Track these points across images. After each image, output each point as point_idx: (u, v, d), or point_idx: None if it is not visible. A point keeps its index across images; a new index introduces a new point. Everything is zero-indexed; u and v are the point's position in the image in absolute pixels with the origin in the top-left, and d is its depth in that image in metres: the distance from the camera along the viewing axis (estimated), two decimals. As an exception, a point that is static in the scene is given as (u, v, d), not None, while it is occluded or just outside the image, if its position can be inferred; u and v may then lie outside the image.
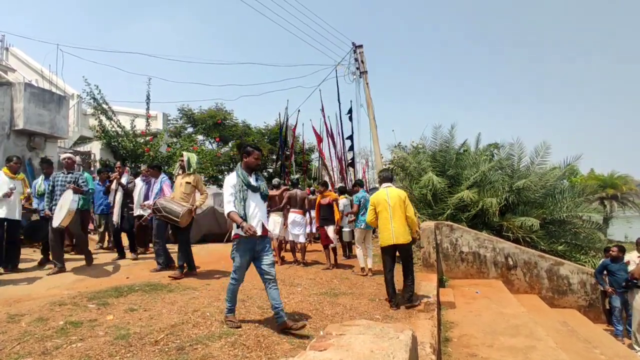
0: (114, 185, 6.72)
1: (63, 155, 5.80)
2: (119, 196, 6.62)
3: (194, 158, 5.60)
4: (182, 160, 5.57)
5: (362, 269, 6.15)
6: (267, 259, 3.40)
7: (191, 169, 5.52)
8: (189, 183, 5.46)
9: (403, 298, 4.40)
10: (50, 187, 5.53)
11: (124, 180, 6.73)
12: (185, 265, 5.45)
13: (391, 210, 4.39)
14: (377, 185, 4.93)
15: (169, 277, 5.13)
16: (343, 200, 8.55)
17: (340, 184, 12.17)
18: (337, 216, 6.90)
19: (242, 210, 3.30)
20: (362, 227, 6.14)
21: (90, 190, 5.91)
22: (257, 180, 3.49)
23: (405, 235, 4.39)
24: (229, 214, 3.34)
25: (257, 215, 3.38)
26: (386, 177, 4.74)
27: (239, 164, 3.55)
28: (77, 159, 7.49)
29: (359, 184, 7.13)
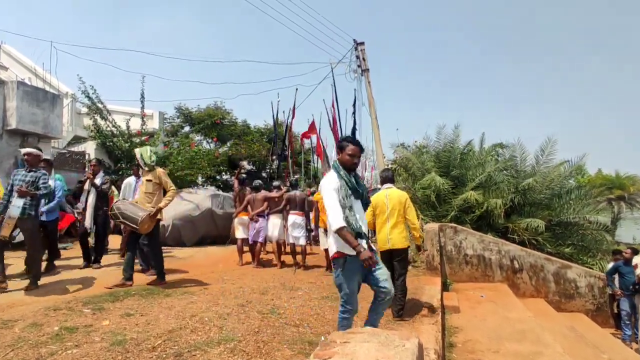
0: (86, 186, 6.26)
1: (24, 151, 5.01)
2: (91, 198, 6.14)
3: (146, 152, 5.05)
4: (137, 160, 5.10)
5: None
6: (382, 273, 2.84)
7: (147, 166, 5.02)
8: (150, 180, 5.00)
9: (392, 311, 4.15)
10: (9, 187, 4.84)
11: (98, 180, 6.23)
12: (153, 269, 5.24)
13: (388, 213, 4.28)
14: (379, 186, 4.88)
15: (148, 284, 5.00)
16: None
17: None
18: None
19: (359, 223, 2.70)
20: None
21: (64, 193, 5.59)
22: (358, 183, 2.86)
23: (402, 241, 4.26)
24: (339, 230, 2.61)
25: (362, 226, 2.79)
26: (387, 177, 4.66)
27: (335, 161, 2.91)
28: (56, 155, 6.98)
29: None
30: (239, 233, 7.31)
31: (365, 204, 2.92)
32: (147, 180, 5.02)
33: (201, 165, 12.97)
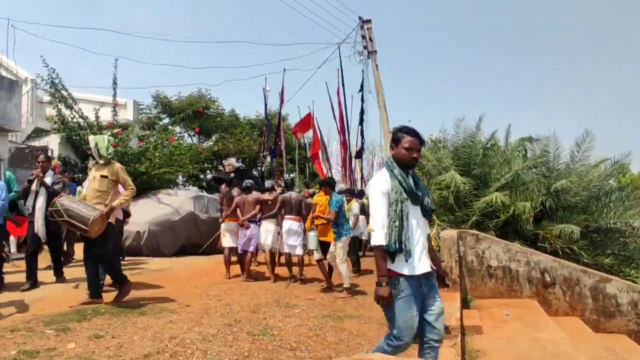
0: (34, 186, 6.05)
1: None
2: (40, 201, 5.89)
3: (103, 142, 4.93)
4: (90, 148, 4.98)
5: (347, 289, 6.20)
6: (435, 305, 2.57)
7: (102, 159, 4.90)
8: (105, 177, 4.86)
9: None
10: None
11: (48, 179, 6.04)
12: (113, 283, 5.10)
13: None
14: None
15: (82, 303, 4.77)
16: (355, 205, 8.58)
17: (342, 184, 12.13)
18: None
19: (400, 238, 2.48)
20: (346, 237, 6.16)
21: (8, 196, 5.40)
22: (417, 184, 2.67)
23: None
24: (375, 248, 2.53)
25: (419, 241, 2.59)
26: None
27: (388, 157, 2.75)
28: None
29: (328, 184, 6.74)
30: (226, 241, 7.31)
31: (427, 211, 2.70)
32: (102, 177, 4.87)
33: (182, 163, 12.97)
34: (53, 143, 12.29)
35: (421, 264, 2.53)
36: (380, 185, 2.59)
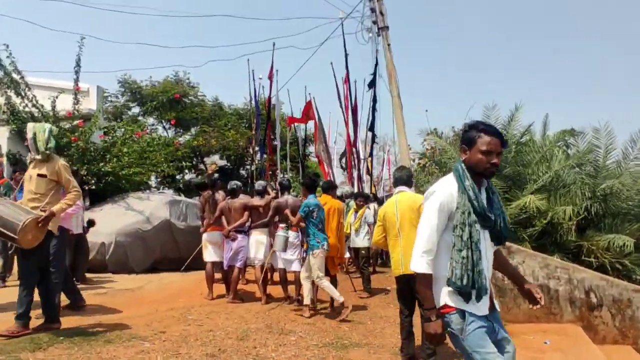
0: None
1: None
2: None
3: (43, 131, 4.77)
4: (27, 139, 4.83)
5: (307, 306, 6.28)
6: (510, 346, 2.48)
7: (40, 154, 4.74)
8: (43, 176, 4.71)
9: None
10: None
11: None
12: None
13: (399, 226, 4.34)
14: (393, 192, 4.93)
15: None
16: (369, 212, 8.60)
17: (347, 187, 12.15)
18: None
19: (469, 273, 2.31)
20: (319, 249, 6.19)
21: None
22: (491, 201, 2.47)
23: None
24: (420, 277, 2.43)
25: (486, 277, 2.41)
26: (400, 178, 4.69)
27: (459, 163, 2.54)
28: None
29: (305, 184, 6.88)
30: (209, 255, 7.32)
31: (499, 238, 2.51)
32: (39, 175, 4.71)
33: (155, 161, 12.97)
34: (1, 137, 12.31)
35: (488, 302, 2.43)
36: (441, 199, 2.42)
